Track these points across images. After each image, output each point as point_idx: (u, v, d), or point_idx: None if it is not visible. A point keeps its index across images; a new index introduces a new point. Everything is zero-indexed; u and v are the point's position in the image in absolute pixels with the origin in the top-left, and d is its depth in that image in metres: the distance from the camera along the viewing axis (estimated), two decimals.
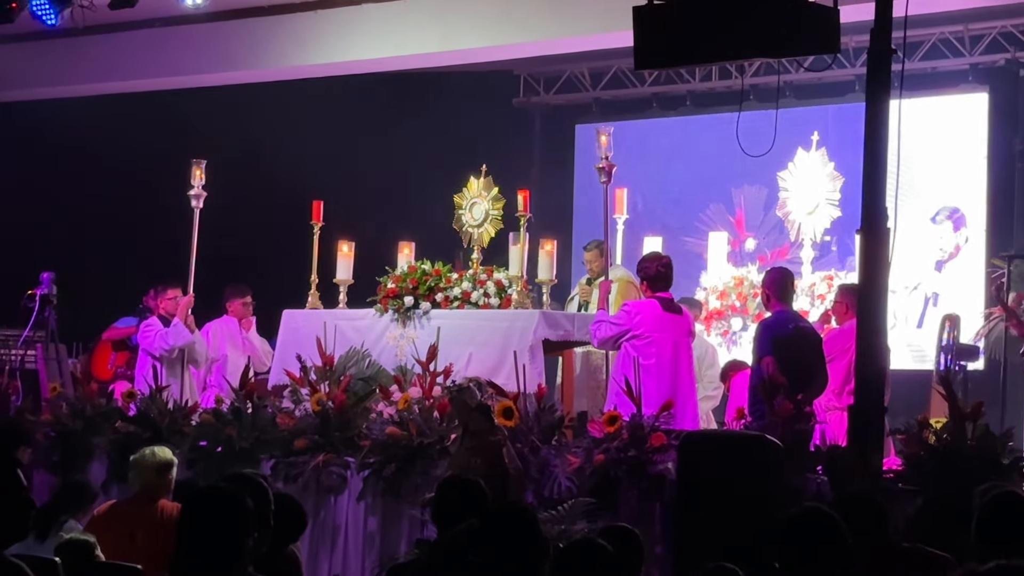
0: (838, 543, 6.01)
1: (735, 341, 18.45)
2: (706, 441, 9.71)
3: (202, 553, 5.46)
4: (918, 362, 16.92)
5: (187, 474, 10.96)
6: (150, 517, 8.88)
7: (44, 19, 15.31)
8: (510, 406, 10.51)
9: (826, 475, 9.62)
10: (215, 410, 12.19)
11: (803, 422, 10.23)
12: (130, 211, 18.53)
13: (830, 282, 17.91)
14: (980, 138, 17.59)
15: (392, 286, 12.78)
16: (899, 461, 9.96)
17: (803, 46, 9.52)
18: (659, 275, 11.95)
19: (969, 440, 9.64)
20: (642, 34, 9.49)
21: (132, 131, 18.45)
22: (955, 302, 16.58)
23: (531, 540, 6.00)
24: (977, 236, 17.46)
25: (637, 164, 17.89)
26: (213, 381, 14.26)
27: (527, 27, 15.52)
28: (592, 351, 12.88)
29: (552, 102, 20.47)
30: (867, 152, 8.71)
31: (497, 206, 12.78)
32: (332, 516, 11.29)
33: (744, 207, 19.01)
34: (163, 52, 17.24)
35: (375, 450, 11.16)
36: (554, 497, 10.05)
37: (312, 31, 16.40)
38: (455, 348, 12.05)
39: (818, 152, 18.44)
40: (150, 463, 9.15)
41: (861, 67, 16.12)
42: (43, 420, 13.03)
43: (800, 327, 11.70)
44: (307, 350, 12.24)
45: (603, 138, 12.68)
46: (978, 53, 17.55)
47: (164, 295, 14.24)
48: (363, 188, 17.88)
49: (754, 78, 17.97)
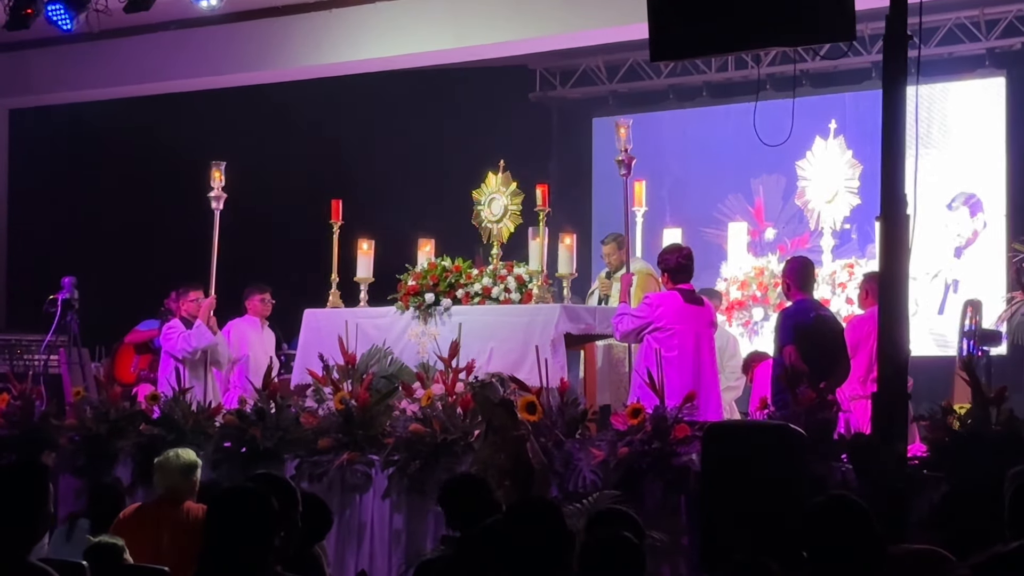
0: (866, 531, 6.00)
1: (756, 331, 18.44)
2: (730, 432, 9.68)
3: (229, 554, 5.47)
4: (940, 348, 16.89)
5: (211, 475, 10.97)
6: (176, 519, 8.90)
7: (60, 24, 15.34)
8: (533, 401, 10.51)
9: (851, 463, 9.61)
10: (238, 411, 12.21)
11: (826, 410, 10.23)
12: (150, 214, 18.58)
13: (851, 270, 17.90)
14: (998, 122, 17.56)
15: (413, 283, 12.79)
16: (924, 448, 9.95)
17: (819, 34, 9.48)
18: (680, 267, 11.94)
19: (993, 425, 9.63)
20: (657, 26, 9.47)
21: (151, 134, 18.50)
22: (976, 288, 16.55)
23: (556, 534, 6.00)
24: (997, 221, 17.43)
25: (655, 156, 17.87)
26: (236, 381, 14.29)
27: (542, 21, 15.52)
28: (614, 344, 12.87)
29: (568, 96, 20.47)
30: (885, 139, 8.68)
31: (516, 201, 12.78)
32: (358, 514, 11.30)
33: (763, 197, 18.99)
34: (179, 54, 17.27)
35: (399, 447, 11.16)
36: (579, 491, 10.05)
37: (327, 30, 16.41)
38: (477, 344, 12.05)
39: (836, 140, 18.42)
40: (174, 465, 9.17)
41: (877, 54, 16.12)
42: (67, 424, 13.06)
43: (821, 315, 11.69)
44: (329, 349, 12.25)
45: (622, 131, 12.64)
46: (994, 37, 17.52)
47: (186, 297, 14.26)
48: (382, 186, 17.89)
49: (770, 67, 17.96)
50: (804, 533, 6.03)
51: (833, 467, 9.74)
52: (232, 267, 14.46)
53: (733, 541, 8.02)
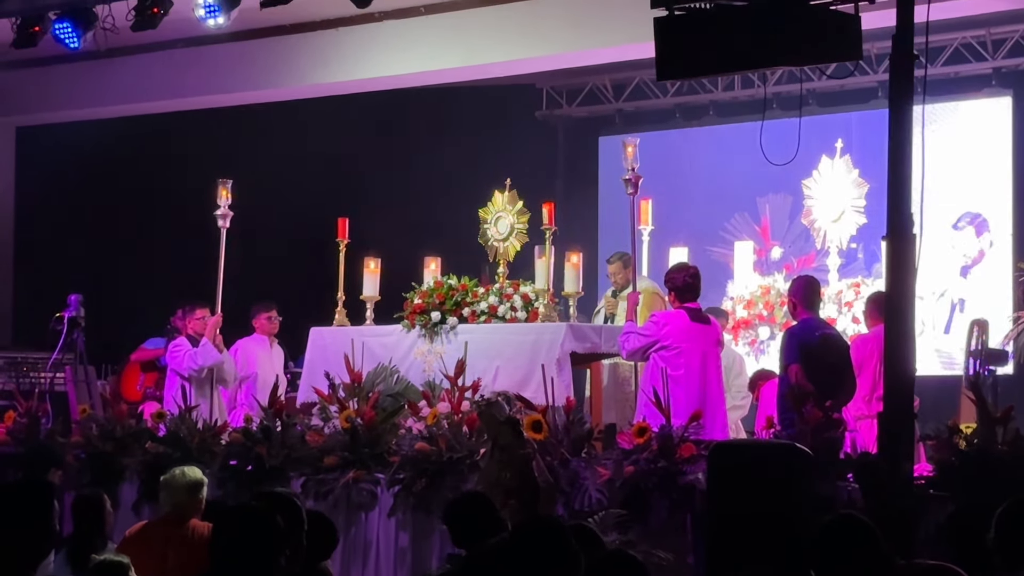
0: (873, 550, 6.00)
1: (763, 350, 18.43)
2: (736, 451, 9.68)
3: (234, 572, 5.47)
4: (946, 368, 16.87)
5: (217, 493, 10.97)
6: (181, 537, 8.90)
7: (67, 42, 15.36)
8: (539, 419, 10.51)
9: (857, 482, 9.60)
10: (244, 429, 12.21)
11: (832, 430, 10.22)
12: (157, 232, 18.60)
13: (857, 289, 17.89)
14: (1005, 142, 17.55)
15: (419, 302, 12.79)
16: (930, 467, 9.94)
17: (825, 54, 9.51)
18: (687, 285, 11.94)
19: (1000, 444, 9.62)
20: (664, 45, 9.49)
21: (157, 152, 18.53)
22: (982, 307, 16.54)
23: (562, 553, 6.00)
24: (1003, 240, 17.42)
25: (661, 175, 17.86)
26: (242, 399, 14.29)
27: (549, 40, 15.52)
28: (620, 362, 12.87)
29: (575, 114, 20.48)
30: (891, 158, 8.68)
31: (522, 219, 12.79)
32: (363, 532, 11.30)
33: (769, 216, 18.98)
34: (186, 73, 17.29)
35: (405, 466, 11.17)
36: (584, 509, 10.04)
37: (334, 49, 16.42)
38: (483, 362, 12.05)
39: (842, 159, 18.41)
40: (180, 483, 9.17)
41: (883, 73, 16.12)
42: (73, 442, 13.08)
43: (827, 334, 11.69)
44: (335, 367, 12.25)
45: (630, 149, 12.66)
46: (1001, 57, 17.52)
47: (192, 315, 14.28)
48: (388, 204, 17.89)
49: (776, 86, 17.94)
50: (811, 552, 6.03)
51: (839, 486, 9.73)
52: (238, 285, 14.46)
53: (739, 560, 8.01)
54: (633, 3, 11.22)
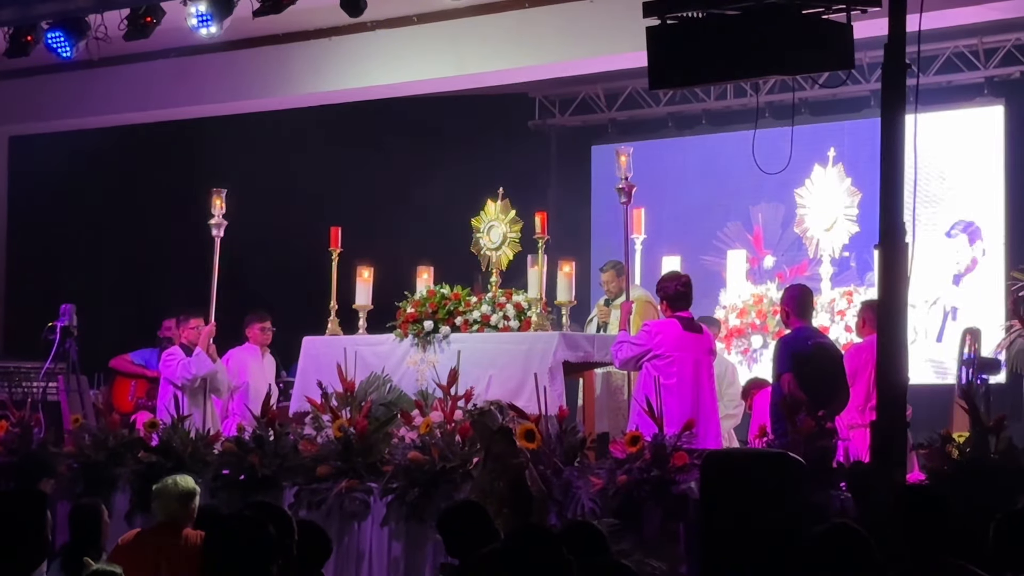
0: (867, 559, 6.00)
1: (755, 359, 18.43)
2: (729, 460, 9.67)
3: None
4: (939, 376, 16.87)
5: (210, 502, 10.95)
6: (174, 546, 8.89)
7: (59, 51, 15.32)
8: (532, 428, 10.50)
9: (850, 491, 9.60)
10: (237, 438, 12.21)
11: (825, 439, 10.22)
12: (150, 241, 18.58)
13: (849, 298, 17.90)
14: (997, 151, 17.56)
15: (411, 311, 12.80)
16: (922, 476, 9.94)
17: (818, 63, 9.53)
18: (679, 294, 11.95)
19: (992, 453, 9.63)
20: (656, 54, 9.50)
21: (151, 161, 18.52)
22: (975, 316, 16.54)
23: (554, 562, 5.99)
24: (996, 249, 17.43)
25: (654, 184, 17.86)
26: (235, 409, 14.28)
27: (541, 49, 15.53)
28: (613, 372, 12.87)
29: (568, 124, 20.48)
30: (883, 167, 8.70)
31: (515, 228, 12.80)
32: (356, 542, 11.29)
33: (762, 224, 18.99)
34: (179, 82, 17.28)
35: (398, 475, 11.16)
36: (577, 518, 10.03)
37: (327, 58, 16.43)
38: (475, 371, 12.06)
39: (835, 168, 18.43)
40: (173, 492, 9.15)
41: (876, 82, 16.12)
42: (66, 452, 13.06)
43: (820, 343, 11.70)
44: (328, 376, 12.25)
45: (623, 158, 12.66)
46: (993, 66, 17.53)
47: (186, 324, 14.27)
48: (381, 213, 17.90)
49: (769, 95, 17.97)
50: (805, 561, 6.03)
51: (832, 495, 9.73)
52: (232, 294, 14.45)
53: (732, 569, 8.00)
54: (626, 12, 11.24)
